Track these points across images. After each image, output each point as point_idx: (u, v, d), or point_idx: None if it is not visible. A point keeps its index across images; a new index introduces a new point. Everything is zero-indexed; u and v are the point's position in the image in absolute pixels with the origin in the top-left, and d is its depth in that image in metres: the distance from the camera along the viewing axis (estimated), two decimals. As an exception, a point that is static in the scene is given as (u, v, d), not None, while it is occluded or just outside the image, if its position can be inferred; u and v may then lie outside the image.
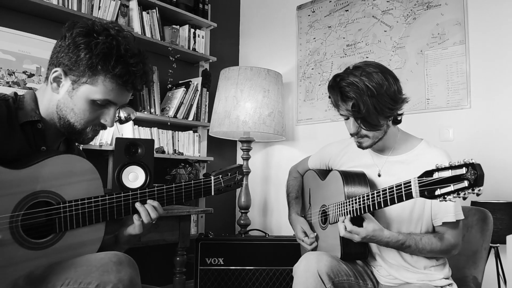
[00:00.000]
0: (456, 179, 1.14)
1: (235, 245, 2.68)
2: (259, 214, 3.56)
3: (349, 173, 1.60)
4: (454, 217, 1.50)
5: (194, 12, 3.37)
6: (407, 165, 1.56)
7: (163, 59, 3.18)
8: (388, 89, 1.48)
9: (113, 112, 1.28)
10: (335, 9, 3.18)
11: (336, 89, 1.52)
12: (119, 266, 1.07)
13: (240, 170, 1.47)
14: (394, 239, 1.45)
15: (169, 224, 2.22)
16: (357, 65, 1.55)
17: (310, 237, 1.76)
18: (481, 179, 1.11)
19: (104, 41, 1.19)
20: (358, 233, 1.43)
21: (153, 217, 1.30)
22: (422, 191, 1.23)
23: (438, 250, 1.50)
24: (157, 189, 1.30)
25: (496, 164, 2.34)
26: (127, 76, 1.22)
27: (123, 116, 2.59)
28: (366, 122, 1.50)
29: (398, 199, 1.32)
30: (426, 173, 1.23)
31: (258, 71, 3.02)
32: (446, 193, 1.16)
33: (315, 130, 3.24)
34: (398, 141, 1.63)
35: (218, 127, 3.02)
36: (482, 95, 2.44)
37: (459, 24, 2.54)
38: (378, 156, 1.65)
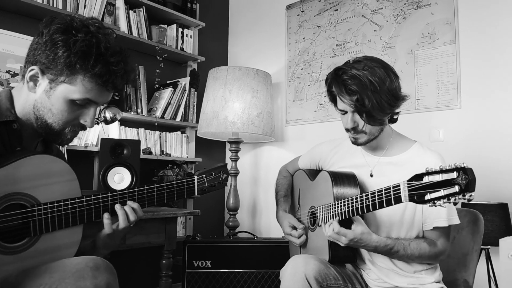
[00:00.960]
0: (447, 183, 1.10)
1: (223, 248, 2.63)
2: (248, 216, 3.51)
3: (338, 174, 1.56)
4: (447, 221, 1.46)
5: (182, 12, 3.32)
6: (400, 167, 1.52)
7: (150, 58, 3.13)
8: (390, 85, 1.44)
9: (93, 112, 1.23)
10: (324, 9, 3.15)
11: (340, 82, 1.46)
12: (96, 271, 1.02)
13: (225, 169, 1.42)
14: (383, 243, 1.41)
15: (155, 227, 2.17)
16: (358, 59, 1.50)
17: (299, 229, 1.71)
18: (473, 184, 1.07)
19: (83, 38, 1.14)
20: (346, 234, 1.37)
21: (131, 219, 1.25)
22: (411, 196, 1.18)
23: (427, 256, 1.46)
24: (137, 190, 1.25)
25: (487, 165, 2.32)
26: (107, 76, 1.17)
27: (108, 116, 2.53)
28: (370, 116, 1.45)
29: (387, 203, 1.27)
30: (416, 177, 1.18)
31: (246, 71, 2.98)
32: (436, 198, 1.11)
33: (305, 130, 3.20)
34: (392, 141, 1.59)
35: (206, 127, 2.97)
36: (473, 95, 2.42)
37: (449, 23, 2.52)
38: (371, 156, 1.61)
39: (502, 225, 2.00)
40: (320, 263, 1.42)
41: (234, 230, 3.07)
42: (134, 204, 1.25)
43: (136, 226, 2.12)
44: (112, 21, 2.88)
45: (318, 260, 1.43)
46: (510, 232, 2.02)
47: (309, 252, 1.67)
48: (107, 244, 1.31)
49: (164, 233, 2.20)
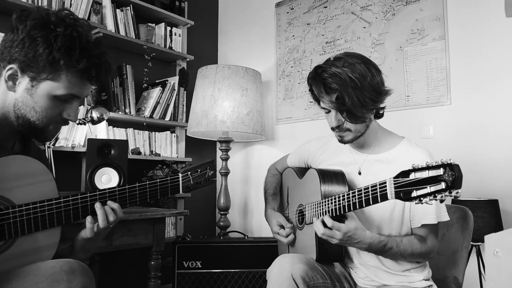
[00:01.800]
0: (433, 180, 1.07)
1: (213, 248, 2.61)
2: (239, 215, 3.48)
3: (326, 172, 1.53)
4: (435, 218, 1.43)
5: (171, 10, 3.29)
6: (388, 164, 1.50)
7: (138, 58, 3.09)
8: (371, 80, 1.42)
9: (76, 106, 1.21)
10: (313, 6, 3.13)
11: (318, 80, 1.44)
12: (71, 275, 0.98)
13: (212, 165, 1.39)
14: (377, 240, 1.36)
15: (143, 227, 2.13)
16: (339, 56, 1.48)
17: (287, 228, 1.68)
18: (459, 181, 1.04)
19: (63, 33, 1.11)
20: (340, 228, 1.31)
21: (110, 220, 1.21)
22: (398, 193, 1.15)
23: (418, 253, 1.43)
24: (118, 189, 1.22)
25: (477, 161, 2.30)
26: (92, 70, 1.16)
27: (95, 116, 2.49)
28: (351, 114, 1.42)
29: (373, 200, 1.24)
30: (402, 173, 1.15)
31: (236, 69, 2.96)
32: (422, 195, 1.08)
33: (295, 129, 3.18)
34: (379, 138, 1.56)
35: (195, 127, 2.94)
36: (462, 91, 2.40)
37: (438, 19, 2.50)
38: (358, 154, 1.59)
39: (493, 222, 1.99)
40: (307, 262, 1.40)
41: (225, 230, 3.04)
42: (114, 205, 1.22)
43: (123, 227, 2.10)
44: (99, 20, 2.85)
45: (305, 259, 1.41)
46: (500, 228, 2.01)
47: (297, 251, 1.64)
48: (86, 248, 1.28)
49: (152, 234, 2.16)
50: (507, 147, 2.22)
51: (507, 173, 2.20)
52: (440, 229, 1.65)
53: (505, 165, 2.22)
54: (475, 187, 2.27)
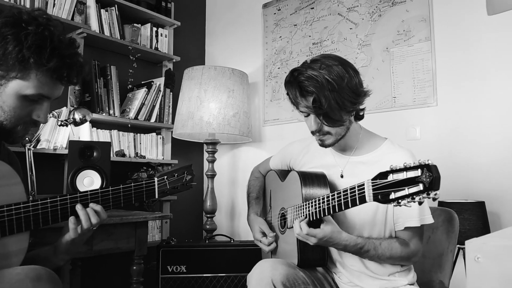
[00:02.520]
0: (411, 181, 1.04)
1: (197, 252, 2.56)
2: (226, 218, 3.44)
3: (308, 174, 1.50)
4: (419, 221, 1.40)
5: (157, 10, 3.24)
6: (370, 165, 1.47)
7: (123, 58, 3.04)
8: (349, 81, 1.39)
9: (46, 107, 1.18)
10: (300, 7, 3.10)
11: (295, 84, 1.41)
12: (37, 282, 0.94)
13: (189, 170, 1.35)
14: (353, 242, 1.35)
15: (125, 232, 2.08)
16: (315, 58, 1.45)
17: (269, 237, 1.65)
18: (437, 182, 1.01)
19: (35, 31, 1.08)
20: (315, 235, 1.31)
21: (93, 222, 1.19)
22: (376, 195, 1.12)
23: (398, 257, 1.40)
24: (90, 192, 1.18)
25: (464, 163, 2.29)
26: (62, 70, 1.13)
27: (78, 118, 2.44)
28: (328, 117, 1.40)
29: (352, 203, 1.21)
30: (381, 175, 1.12)
31: (222, 70, 2.92)
32: (400, 197, 1.05)
33: (283, 130, 3.15)
34: (361, 140, 1.53)
35: (181, 128, 2.90)
36: (449, 93, 2.39)
37: (424, 20, 2.49)
38: (340, 156, 1.56)
39: (479, 224, 1.97)
40: (288, 267, 1.36)
41: (211, 233, 3.00)
42: (96, 207, 1.20)
43: (104, 231, 2.05)
44: (83, 20, 2.80)
45: (286, 264, 1.37)
46: (487, 230, 1.99)
47: (279, 255, 1.61)
48: (69, 249, 1.26)
49: (134, 238, 2.11)
50: (494, 148, 2.21)
51: (494, 175, 2.19)
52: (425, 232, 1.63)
53: (492, 167, 2.20)
54: (461, 189, 2.26)
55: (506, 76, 2.20)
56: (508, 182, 2.14)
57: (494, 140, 2.21)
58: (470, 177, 2.26)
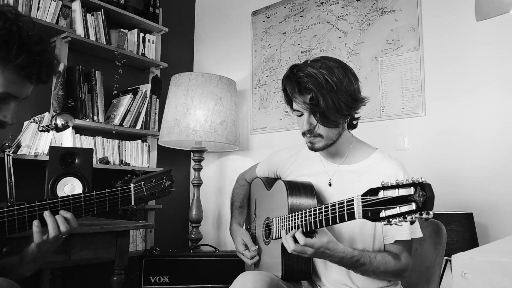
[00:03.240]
0: (403, 200, 0.99)
1: (181, 262, 2.50)
2: (213, 228, 3.38)
3: (294, 184, 1.46)
4: (409, 234, 1.36)
5: (144, 16, 3.20)
6: (360, 175, 1.43)
7: (108, 64, 2.99)
8: (348, 85, 1.36)
9: (14, 108, 1.12)
10: (289, 15, 3.08)
11: (293, 79, 1.38)
12: None
13: (169, 175, 1.30)
14: (349, 254, 1.28)
15: (105, 241, 2.02)
16: (316, 58, 1.43)
17: (251, 250, 1.59)
18: (431, 202, 0.96)
19: (2, 26, 1.03)
20: (313, 245, 1.23)
21: (62, 230, 1.13)
22: (365, 212, 1.07)
23: (391, 271, 1.35)
24: (61, 199, 1.12)
25: (452, 174, 2.26)
26: (31, 67, 1.07)
27: (60, 123, 2.38)
28: (324, 116, 1.36)
29: (340, 219, 1.16)
30: (371, 191, 1.07)
31: (209, 77, 2.88)
32: (391, 216, 1.00)
33: (270, 139, 3.11)
34: (352, 148, 1.50)
35: (167, 136, 2.85)
36: (437, 102, 2.37)
37: (413, 30, 2.48)
38: (329, 164, 1.52)
39: (467, 236, 1.94)
40: (271, 280, 1.30)
41: (197, 243, 2.94)
42: (66, 214, 1.14)
43: (83, 240, 1.98)
44: (68, 24, 2.75)
45: (269, 277, 1.31)
46: (475, 242, 1.96)
47: (263, 267, 1.55)
48: (36, 258, 1.19)
49: (115, 248, 2.05)
50: (482, 159, 2.19)
51: (482, 186, 2.16)
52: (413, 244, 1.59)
53: (480, 178, 2.18)
54: (449, 200, 2.23)
55: (495, 86, 2.19)
56: (497, 194, 2.12)
57: (483, 151, 2.19)
58: (458, 188, 2.23)
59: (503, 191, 2.11)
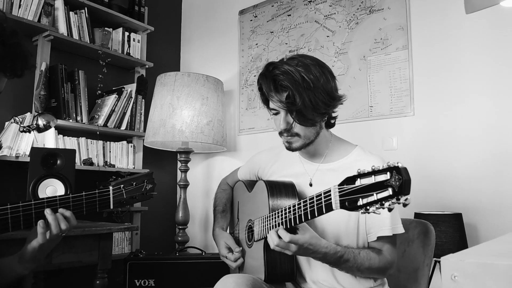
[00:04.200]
0: (379, 186, 0.95)
1: (167, 265, 2.45)
2: (200, 230, 3.33)
3: (275, 184, 1.42)
4: (391, 230, 1.33)
5: (129, 15, 3.15)
6: (340, 173, 1.37)
7: (92, 63, 2.93)
8: (325, 83, 1.33)
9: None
10: (277, 14, 3.05)
11: (269, 77, 1.34)
12: None
13: (150, 178, 1.25)
14: (333, 250, 1.25)
15: (87, 244, 1.96)
16: (293, 56, 1.40)
17: (235, 252, 1.55)
18: (407, 186, 0.91)
19: None
20: (297, 241, 1.19)
21: (63, 228, 1.14)
22: (343, 202, 1.03)
23: (376, 268, 1.31)
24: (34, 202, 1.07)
25: (441, 174, 2.24)
26: (6, 60, 1.04)
27: (41, 123, 2.32)
28: (300, 115, 1.32)
29: (319, 212, 1.12)
30: (348, 180, 1.03)
31: (196, 77, 2.83)
32: (369, 204, 0.96)
33: (258, 140, 3.07)
34: (331, 147, 1.47)
35: (153, 136, 2.79)
36: (426, 102, 2.35)
37: (401, 28, 2.45)
38: (310, 164, 1.49)
39: (456, 236, 1.91)
40: (254, 283, 1.26)
41: (183, 245, 2.89)
42: (67, 212, 1.15)
43: (64, 244, 1.92)
44: (50, 22, 2.69)
45: (251, 280, 1.27)
46: (464, 243, 1.93)
47: (246, 270, 1.51)
48: (36, 257, 1.20)
49: (97, 251, 1.99)
50: (471, 158, 2.17)
51: (471, 186, 2.14)
52: (401, 245, 1.56)
53: (469, 178, 2.16)
54: (438, 200, 2.20)
55: (484, 85, 2.17)
56: (486, 194, 2.10)
57: (471, 151, 2.17)
58: (447, 188, 2.21)
59: (492, 191, 2.09)
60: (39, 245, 1.15)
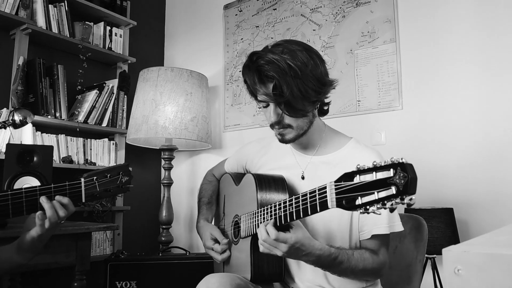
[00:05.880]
0: (381, 184, 0.86)
1: (149, 266, 2.36)
2: (185, 229, 3.25)
3: (264, 177, 1.34)
4: (388, 228, 1.25)
5: (111, 9, 3.05)
6: (334, 166, 1.32)
7: (72, 58, 2.83)
8: (313, 69, 1.24)
9: None
10: (262, 8, 2.98)
11: (253, 68, 1.25)
12: None
13: (126, 170, 1.17)
14: (327, 251, 1.14)
15: (64, 244, 1.87)
16: (277, 42, 1.30)
17: (222, 243, 1.45)
18: (413, 185, 0.83)
19: None
20: (286, 240, 1.09)
21: (61, 215, 1.11)
22: (339, 200, 0.95)
23: (370, 269, 1.23)
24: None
25: (430, 168, 2.19)
26: None
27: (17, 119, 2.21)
28: (290, 106, 1.24)
29: (312, 210, 1.04)
30: (346, 176, 0.95)
31: (179, 72, 2.75)
32: (369, 203, 0.88)
33: (244, 136, 3.00)
34: (325, 138, 1.39)
35: (135, 133, 2.70)
36: (414, 96, 2.30)
37: (389, 21, 2.40)
38: (302, 156, 1.41)
39: (448, 232, 1.86)
40: (239, 283, 1.18)
41: (167, 245, 2.81)
42: (64, 199, 1.11)
43: (40, 244, 1.83)
44: (28, 15, 2.59)
45: (236, 280, 1.19)
46: (456, 239, 1.88)
47: (232, 269, 1.43)
48: (35, 246, 1.19)
49: (75, 252, 1.90)
50: (461, 152, 2.13)
51: (462, 180, 2.10)
52: (392, 241, 1.50)
53: (459, 172, 2.12)
54: (428, 195, 2.16)
55: (473, 78, 2.13)
56: (476, 188, 2.06)
57: (461, 144, 2.13)
58: (436, 183, 2.17)
59: (482, 185, 2.04)
60: (38, 235, 1.13)
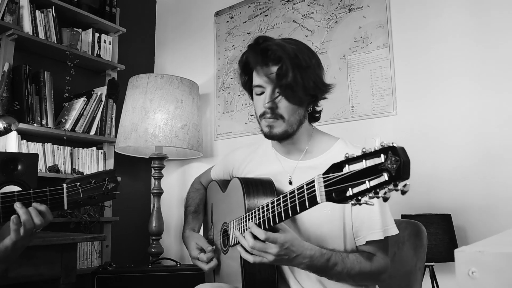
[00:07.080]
0: (373, 171, 0.80)
1: (138, 278, 2.28)
2: (175, 240, 3.17)
3: (251, 181, 1.28)
4: (382, 233, 1.20)
5: (100, 15, 3.00)
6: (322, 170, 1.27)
7: (60, 65, 2.76)
8: (316, 66, 1.26)
9: None
10: (254, 15, 2.95)
11: (258, 49, 1.22)
12: None
13: (112, 176, 1.10)
14: (318, 252, 1.10)
15: (48, 256, 1.79)
16: (283, 38, 1.32)
17: (207, 251, 1.39)
18: (406, 169, 0.77)
19: None
20: (276, 240, 1.04)
21: (37, 223, 1.04)
22: (329, 193, 0.89)
23: (368, 272, 1.18)
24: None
25: (426, 174, 2.14)
26: None
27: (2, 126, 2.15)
28: (290, 90, 1.20)
29: (301, 207, 0.98)
30: (334, 167, 0.89)
31: (170, 79, 2.70)
32: (360, 193, 0.82)
33: (235, 144, 2.94)
34: (312, 141, 1.34)
35: (124, 141, 2.64)
36: (408, 101, 2.26)
37: (382, 26, 2.38)
38: (288, 161, 1.36)
39: (446, 238, 1.81)
40: (231, 292, 1.13)
41: (157, 257, 2.72)
42: (41, 206, 1.04)
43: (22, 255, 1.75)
44: (14, 21, 2.53)
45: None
46: (454, 245, 1.83)
47: (223, 279, 1.36)
48: (8, 257, 1.12)
49: (60, 264, 1.82)
50: (456, 158, 2.09)
51: (458, 186, 2.06)
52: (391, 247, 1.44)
53: (455, 177, 2.07)
54: (425, 202, 2.11)
55: (468, 82, 2.10)
56: (473, 194, 2.01)
57: (457, 150, 2.09)
58: (433, 188, 2.12)
59: (478, 191, 2.00)
60: (12, 242, 1.07)
